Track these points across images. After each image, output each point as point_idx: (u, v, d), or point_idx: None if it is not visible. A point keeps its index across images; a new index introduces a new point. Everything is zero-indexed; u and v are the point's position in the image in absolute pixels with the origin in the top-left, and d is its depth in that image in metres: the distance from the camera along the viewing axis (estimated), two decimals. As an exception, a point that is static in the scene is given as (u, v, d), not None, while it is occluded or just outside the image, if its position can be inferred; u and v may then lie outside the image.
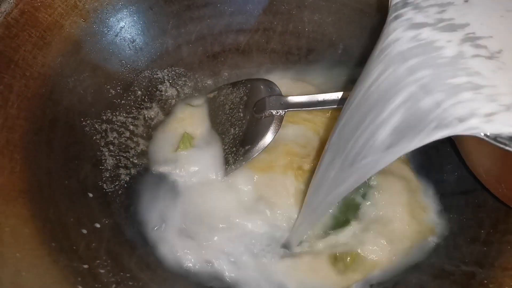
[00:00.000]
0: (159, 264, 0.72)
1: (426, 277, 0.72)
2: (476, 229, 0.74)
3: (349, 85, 0.92)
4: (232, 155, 0.84)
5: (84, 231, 0.68)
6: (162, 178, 0.83)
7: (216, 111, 0.90)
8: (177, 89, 0.93)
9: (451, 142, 0.80)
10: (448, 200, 0.81)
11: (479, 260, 0.69)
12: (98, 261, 0.66)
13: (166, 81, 0.91)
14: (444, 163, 0.85)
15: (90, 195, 0.73)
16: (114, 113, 0.83)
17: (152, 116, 0.89)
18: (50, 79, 0.74)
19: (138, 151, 0.84)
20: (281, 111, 0.82)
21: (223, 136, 0.86)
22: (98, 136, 0.79)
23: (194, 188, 0.81)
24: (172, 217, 0.78)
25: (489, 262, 0.68)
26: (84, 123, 0.78)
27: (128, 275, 0.67)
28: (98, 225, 0.71)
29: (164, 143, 0.86)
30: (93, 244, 0.67)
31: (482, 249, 0.70)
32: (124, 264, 0.68)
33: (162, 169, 0.83)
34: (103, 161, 0.78)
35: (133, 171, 0.82)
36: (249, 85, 0.88)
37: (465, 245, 0.73)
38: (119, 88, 0.84)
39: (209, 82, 0.95)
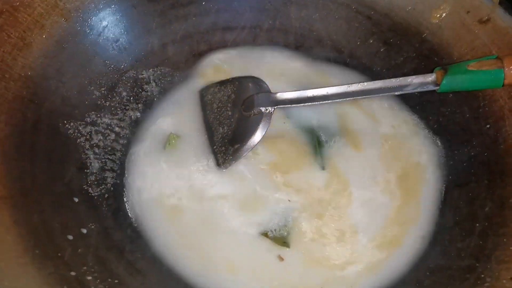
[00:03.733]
0: (150, 269, 0.70)
1: (422, 272, 0.71)
2: (471, 222, 0.73)
3: (339, 79, 0.91)
4: (222, 154, 0.82)
5: (70, 237, 0.66)
6: (149, 181, 0.80)
7: (204, 110, 0.88)
8: (163, 89, 0.90)
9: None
10: (444, 192, 0.81)
11: (475, 254, 0.68)
12: (85, 268, 0.63)
13: (151, 81, 0.89)
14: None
15: (76, 199, 0.71)
16: (98, 115, 0.81)
17: (138, 117, 0.86)
18: (32, 80, 0.72)
19: (124, 153, 0.82)
20: (270, 108, 0.80)
21: (212, 135, 0.84)
22: (82, 139, 0.77)
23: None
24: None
25: (486, 255, 0.67)
26: (67, 125, 0.76)
27: (116, 281, 0.65)
28: (84, 231, 0.68)
29: (150, 144, 0.84)
30: (80, 250, 0.65)
31: (478, 243, 0.69)
32: (112, 269, 0.66)
33: (149, 170, 0.81)
34: (88, 164, 0.76)
35: (119, 174, 0.79)
36: (236, 83, 0.86)
37: (461, 239, 0.73)
38: (103, 89, 0.82)
39: (196, 81, 0.93)
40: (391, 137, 0.85)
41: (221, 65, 0.93)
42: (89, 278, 0.63)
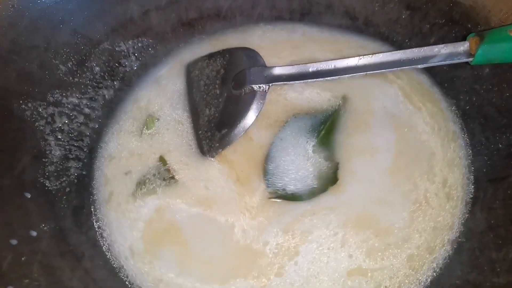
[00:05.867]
0: (110, 279, 0.59)
1: (446, 290, 0.59)
2: (509, 227, 0.62)
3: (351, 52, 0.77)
4: (207, 141, 0.69)
5: (14, 242, 0.56)
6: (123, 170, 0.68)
7: (190, 89, 0.76)
8: (144, 64, 0.80)
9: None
10: (474, 188, 0.70)
11: (514, 269, 0.57)
12: (27, 280, 0.53)
13: (131, 54, 0.78)
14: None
15: (27, 195, 0.61)
16: (64, 94, 0.71)
17: (113, 97, 0.75)
18: (-21, 52, 0.62)
19: (95, 139, 0.70)
20: (264, 86, 0.67)
21: (197, 118, 0.72)
22: (42, 122, 0.67)
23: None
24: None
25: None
26: (24, 106, 0.66)
27: (66, 296, 0.54)
28: (34, 233, 0.59)
29: (126, 128, 0.73)
30: (24, 258, 0.55)
31: (517, 255, 0.58)
32: (63, 281, 0.55)
33: (123, 160, 0.70)
34: (47, 152, 0.67)
35: (86, 163, 0.67)
36: (227, 56, 0.73)
37: (495, 248, 0.62)
38: (71, 63, 0.72)
39: (184, 54, 0.80)
40: (410, 121, 0.74)
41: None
42: (30, 293, 0.52)
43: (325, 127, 0.72)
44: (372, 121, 0.73)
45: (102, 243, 0.64)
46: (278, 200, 0.68)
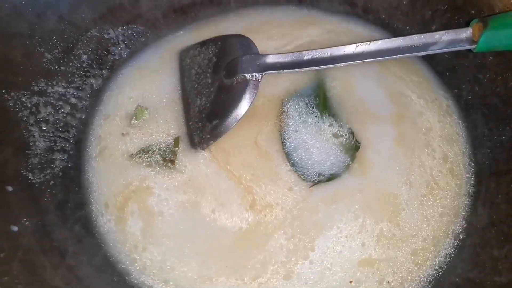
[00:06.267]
0: (95, 276, 0.56)
1: (445, 288, 0.56)
2: None
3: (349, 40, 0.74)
4: (198, 132, 0.67)
5: None
6: (111, 163, 0.66)
7: (181, 78, 0.73)
8: (134, 52, 0.77)
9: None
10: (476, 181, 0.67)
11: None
12: (6, 278, 0.51)
13: (120, 42, 0.75)
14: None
15: (9, 188, 0.59)
16: (49, 83, 0.68)
17: (101, 86, 0.72)
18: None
19: (81, 130, 0.67)
20: (257, 75, 0.64)
21: (188, 108, 0.69)
22: (26, 113, 0.64)
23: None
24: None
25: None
26: (6, 95, 0.63)
27: (48, 294, 0.52)
28: (15, 228, 0.56)
29: (114, 119, 0.70)
30: (3, 255, 0.53)
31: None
32: (45, 279, 0.53)
33: (111, 151, 0.67)
34: (30, 143, 0.64)
35: (72, 155, 0.65)
36: (219, 43, 0.70)
37: (497, 245, 0.59)
38: (57, 51, 0.69)
39: (176, 42, 0.77)
40: (410, 112, 0.72)
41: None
42: (9, 291, 0.50)
43: (320, 97, 0.70)
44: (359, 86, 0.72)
45: (89, 238, 0.61)
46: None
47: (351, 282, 0.62)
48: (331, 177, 0.66)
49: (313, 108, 0.70)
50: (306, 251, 0.63)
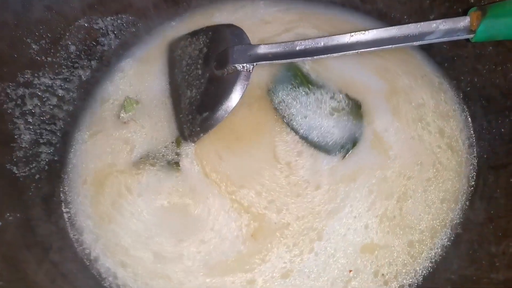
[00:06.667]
0: (79, 272, 0.55)
1: (440, 285, 0.54)
2: (511, 218, 0.58)
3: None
4: (188, 124, 0.65)
5: None
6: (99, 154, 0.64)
7: (171, 69, 0.71)
8: (124, 43, 0.75)
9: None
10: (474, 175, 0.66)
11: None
12: (-14, 274, 0.49)
13: (109, 32, 0.73)
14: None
15: None
16: (36, 74, 0.66)
17: (90, 78, 0.70)
18: None
19: (69, 122, 0.66)
20: (248, 65, 0.62)
21: (179, 101, 0.67)
22: (11, 104, 0.63)
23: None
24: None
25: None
26: (-9, 87, 0.61)
27: (30, 291, 0.50)
28: None
29: (102, 111, 0.68)
30: (-16, 250, 0.51)
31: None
32: (28, 275, 0.51)
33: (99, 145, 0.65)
34: (15, 136, 0.63)
35: (59, 148, 0.63)
36: (210, 33, 0.68)
37: (495, 241, 0.57)
38: (44, 41, 0.68)
39: (167, 32, 0.75)
40: (408, 103, 0.70)
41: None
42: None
43: (298, 75, 0.70)
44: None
45: (74, 234, 0.60)
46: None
47: (350, 271, 0.61)
48: (354, 143, 0.66)
49: (299, 88, 0.69)
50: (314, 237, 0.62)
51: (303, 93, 0.69)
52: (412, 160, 0.66)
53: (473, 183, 0.65)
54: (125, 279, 0.58)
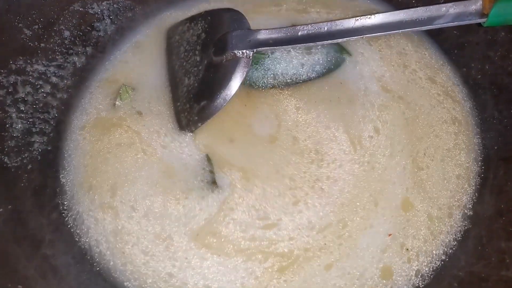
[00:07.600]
0: (72, 267, 0.53)
1: (446, 283, 0.52)
2: None
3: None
4: (185, 113, 0.63)
5: None
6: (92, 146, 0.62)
7: (169, 56, 0.69)
8: (120, 28, 0.72)
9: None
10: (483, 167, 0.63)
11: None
12: (-27, 269, 0.47)
13: (105, 17, 0.71)
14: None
15: None
16: (28, 61, 0.64)
17: (84, 64, 0.68)
18: None
19: (63, 110, 0.64)
20: (247, 51, 0.59)
21: (176, 88, 0.65)
22: (2, 92, 0.61)
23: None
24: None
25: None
26: (-19, 74, 0.58)
27: (20, 286, 0.48)
28: None
29: (97, 99, 0.66)
30: (-29, 244, 0.49)
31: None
32: (18, 269, 0.50)
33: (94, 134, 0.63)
34: (7, 125, 0.61)
35: (52, 137, 0.61)
36: (208, 18, 0.65)
37: (505, 237, 0.55)
38: (36, 26, 0.65)
39: (165, 18, 0.73)
40: (414, 94, 0.67)
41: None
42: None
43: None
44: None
45: (67, 227, 0.58)
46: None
47: (390, 235, 0.58)
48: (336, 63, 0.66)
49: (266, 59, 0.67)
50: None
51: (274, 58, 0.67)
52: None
53: (481, 176, 0.63)
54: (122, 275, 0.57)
